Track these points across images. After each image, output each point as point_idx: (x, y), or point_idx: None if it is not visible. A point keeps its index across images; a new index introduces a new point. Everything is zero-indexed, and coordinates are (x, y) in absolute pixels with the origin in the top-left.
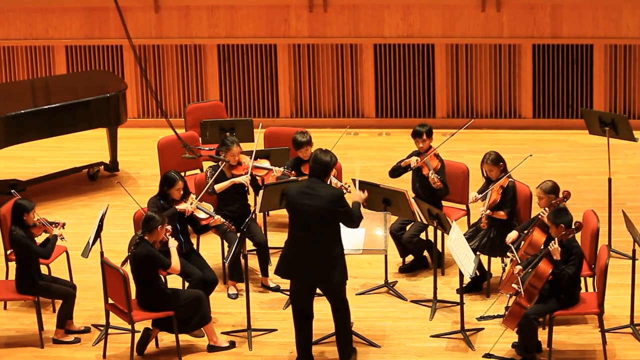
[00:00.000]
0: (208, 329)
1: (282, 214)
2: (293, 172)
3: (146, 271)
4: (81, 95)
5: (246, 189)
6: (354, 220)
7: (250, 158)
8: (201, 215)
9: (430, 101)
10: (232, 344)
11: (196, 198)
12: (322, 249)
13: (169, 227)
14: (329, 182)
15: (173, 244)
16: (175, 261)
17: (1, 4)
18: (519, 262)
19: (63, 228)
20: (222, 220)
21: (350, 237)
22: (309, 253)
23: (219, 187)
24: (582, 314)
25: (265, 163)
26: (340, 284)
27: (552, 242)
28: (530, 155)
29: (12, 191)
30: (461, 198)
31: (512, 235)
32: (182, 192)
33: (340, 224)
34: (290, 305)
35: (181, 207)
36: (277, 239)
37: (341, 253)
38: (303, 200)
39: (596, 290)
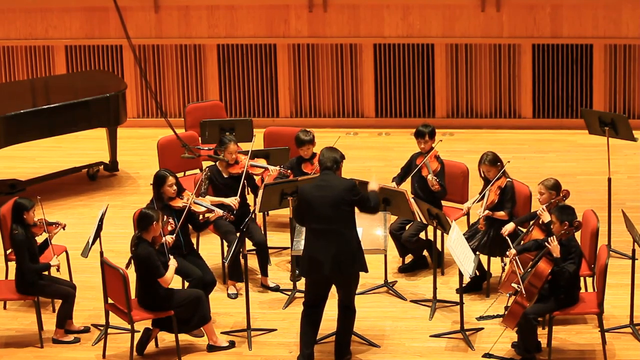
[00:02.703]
0: (208, 328)
1: (281, 213)
2: (289, 171)
3: (146, 272)
4: (81, 95)
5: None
6: (372, 206)
7: (247, 157)
8: (199, 209)
9: (430, 101)
10: (232, 344)
11: (192, 194)
12: (340, 239)
13: (171, 221)
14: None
15: (174, 263)
16: (170, 276)
17: (1, 4)
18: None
19: (64, 229)
20: (221, 212)
21: None
22: (327, 244)
23: (210, 199)
24: (582, 314)
25: (262, 162)
26: (357, 276)
27: (551, 239)
28: (509, 162)
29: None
30: (461, 198)
31: (509, 227)
32: (175, 187)
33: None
34: (288, 304)
35: (178, 204)
36: (276, 239)
37: (359, 243)
38: (317, 192)
39: (596, 290)
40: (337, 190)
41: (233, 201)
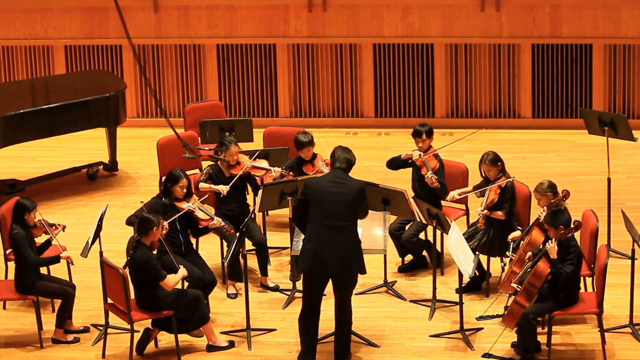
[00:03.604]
0: (207, 328)
1: (281, 213)
2: (291, 172)
3: (145, 276)
4: (81, 95)
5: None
6: (368, 210)
7: (250, 158)
8: (201, 215)
9: (430, 101)
10: (231, 344)
11: (198, 199)
12: (348, 236)
13: (166, 225)
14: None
15: (182, 272)
16: (173, 282)
17: (1, 4)
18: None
19: (63, 230)
20: (222, 223)
21: None
22: (336, 241)
23: (202, 186)
24: (582, 314)
25: (264, 163)
26: (356, 277)
27: (549, 241)
28: (508, 177)
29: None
30: (460, 198)
31: (515, 234)
32: (185, 190)
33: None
34: (288, 304)
35: (182, 206)
36: (276, 239)
37: (360, 242)
38: (333, 189)
39: (595, 290)
40: (354, 189)
41: (223, 188)
